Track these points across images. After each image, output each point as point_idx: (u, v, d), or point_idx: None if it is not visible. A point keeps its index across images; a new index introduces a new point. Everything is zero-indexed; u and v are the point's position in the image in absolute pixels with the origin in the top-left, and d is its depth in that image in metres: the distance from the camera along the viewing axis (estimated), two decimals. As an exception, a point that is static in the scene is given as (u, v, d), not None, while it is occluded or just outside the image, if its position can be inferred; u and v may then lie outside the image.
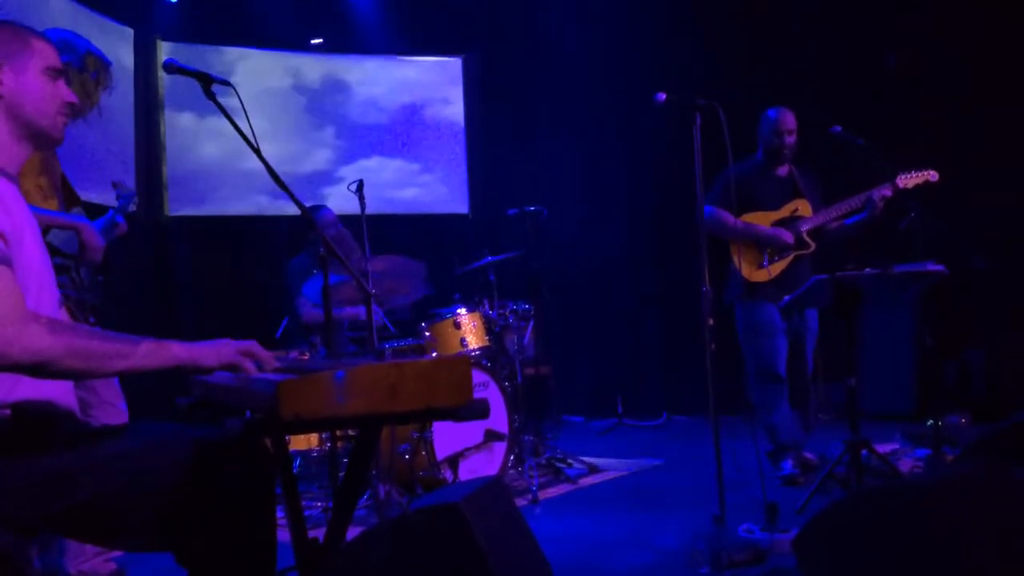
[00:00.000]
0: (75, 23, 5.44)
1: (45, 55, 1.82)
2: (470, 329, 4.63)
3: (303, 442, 4.30)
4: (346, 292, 4.31)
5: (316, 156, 7.34)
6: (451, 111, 7.75)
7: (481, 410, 1.63)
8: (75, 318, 2.72)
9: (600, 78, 7.36)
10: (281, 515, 1.91)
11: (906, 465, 4.34)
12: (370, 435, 1.76)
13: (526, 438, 4.76)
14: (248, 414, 1.85)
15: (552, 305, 6.21)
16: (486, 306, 4.83)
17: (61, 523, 1.64)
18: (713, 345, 3.27)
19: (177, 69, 2.41)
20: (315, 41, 7.36)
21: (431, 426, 4.17)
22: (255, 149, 2.40)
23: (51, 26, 3.44)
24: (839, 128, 4.14)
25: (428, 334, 4.61)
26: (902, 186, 4.16)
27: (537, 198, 5.43)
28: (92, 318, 2.88)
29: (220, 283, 6.68)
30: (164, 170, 6.70)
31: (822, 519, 2.32)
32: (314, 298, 4.21)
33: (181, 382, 1.95)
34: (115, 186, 3.20)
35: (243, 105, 2.38)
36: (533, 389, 5.66)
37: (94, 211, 3.08)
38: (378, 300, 4.46)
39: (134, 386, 3.02)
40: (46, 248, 1.85)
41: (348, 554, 2.38)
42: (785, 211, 4.40)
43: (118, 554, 2.96)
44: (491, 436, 4.40)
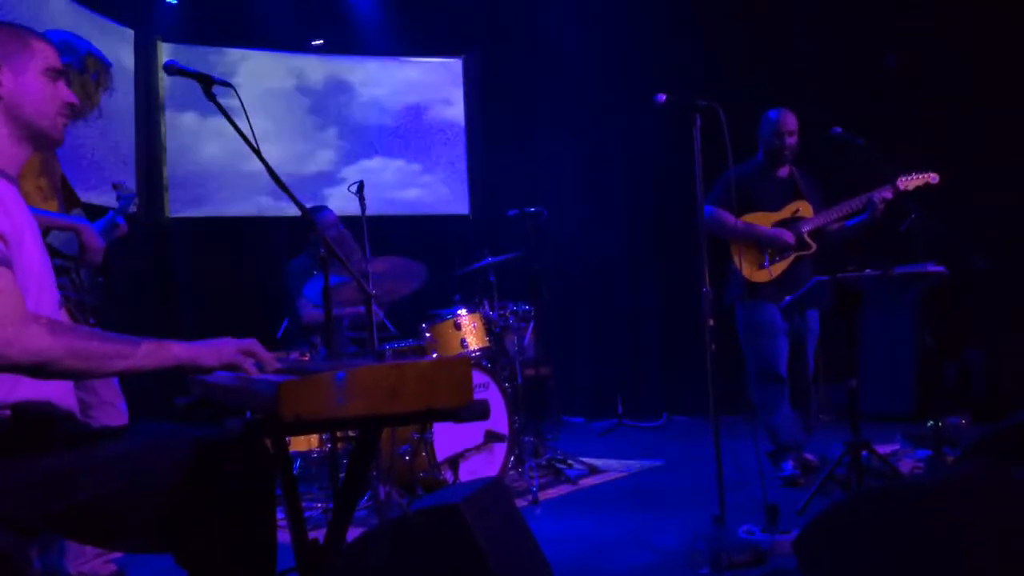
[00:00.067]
0: (75, 24, 5.44)
1: (45, 56, 1.82)
2: (470, 330, 4.63)
3: (303, 443, 4.30)
4: (346, 293, 4.31)
5: (319, 157, 7.34)
6: (452, 112, 7.76)
7: (481, 411, 1.63)
8: (75, 319, 2.72)
9: (600, 79, 7.37)
10: (281, 516, 1.91)
11: (906, 466, 4.33)
12: (370, 436, 1.76)
13: (526, 439, 4.76)
14: (248, 414, 1.85)
15: (552, 306, 6.22)
16: (486, 307, 4.83)
17: (61, 524, 1.64)
18: (713, 346, 3.27)
19: (178, 71, 2.41)
20: (316, 42, 7.36)
21: (431, 427, 4.17)
22: (255, 150, 2.40)
23: (52, 27, 3.45)
24: (839, 129, 4.15)
25: (428, 335, 4.61)
26: (902, 188, 4.16)
27: (537, 199, 5.44)
28: (92, 319, 2.88)
29: (220, 284, 6.68)
30: (164, 171, 6.70)
31: (822, 520, 2.32)
32: (315, 299, 4.21)
33: (181, 382, 1.96)
34: (115, 187, 3.21)
35: (243, 106, 2.38)
36: (533, 390, 5.67)
37: (94, 212, 3.08)
38: (379, 301, 4.46)
39: (134, 386, 3.02)
40: (46, 249, 1.85)
41: (348, 555, 2.38)
42: (786, 212, 4.40)
43: (118, 555, 2.96)
44: (491, 437, 4.40)
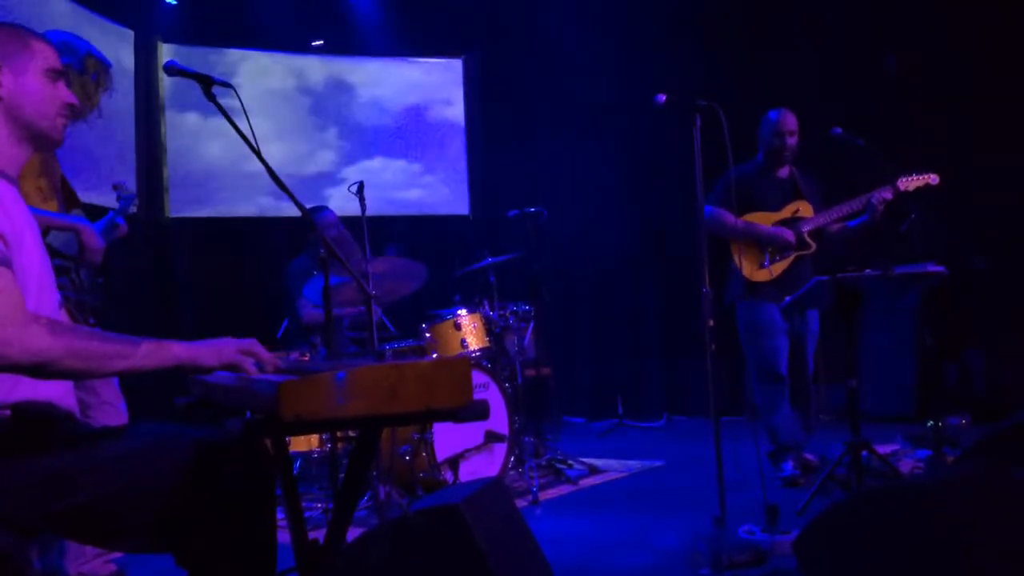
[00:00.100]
0: (76, 24, 5.44)
1: (45, 56, 1.82)
2: (470, 330, 4.63)
3: (303, 443, 4.30)
4: (347, 293, 4.31)
5: (320, 157, 7.34)
6: (453, 112, 7.76)
7: (481, 411, 1.63)
8: (75, 320, 2.72)
9: (600, 79, 7.36)
10: (281, 516, 1.91)
11: (907, 466, 4.33)
12: (370, 436, 1.76)
13: (526, 439, 4.75)
14: (248, 415, 1.85)
15: (552, 306, 6.21)
16: (486, 307, 4.83)
17: (61, 524, 1.64)
18: (713, 346, 3.26)
19: (178, 71, 2.41)
20: (316, 43, 7.36)
21: (431, 427, 4.17)
22: (255, 150, 2.40)
23: (52, 28, 3.44)
24: (839, 129, 4.15)
25: (428, 335, 4.61)
26: (903, 189, 4.16)
27: (537, 199, 5.43)
28: (92, 319, 2.88)
29: (220, 284, 6.68)
30: (165, 172, 6.70)
31: (823, 520, 2.32)
32: (315, 299, 4.21)
33: (181, 382, 1.95)
34: (115, 188, 3.21)
35: (243, 107, 2.38)
36: (533, 390, 5.67)
37: (94, 213, 3.08)
38: (378, 302, 4.46)
39: (134, 387, 3.02)
40: (46, 250, 1.85)
41: (348, 555, 2.38)
42: (786, 212, 4.40)
43: (118, 555, 2.96)
44: (491, 437, 4.39)
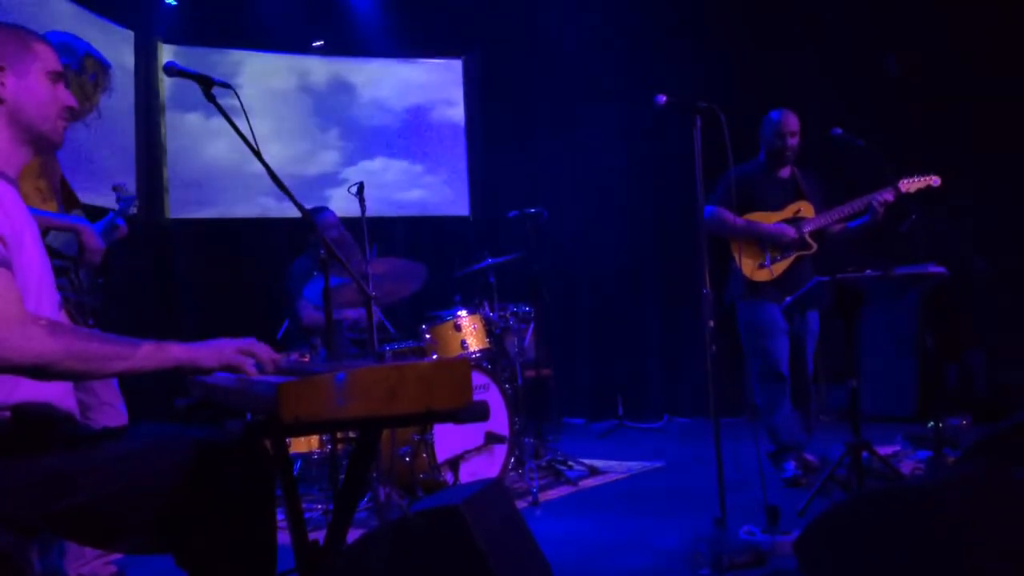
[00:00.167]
0: (76, 25, 5.44)
1: (47, 59, 1.82)
2: (470, 331, 4.63)
3: (303, 444, 4.29)
4: (347, 294, 4.31)
5: (322, 158, 7.34)
6: (455, 112, 7.76)
7: (481, 412, 1.63)
8: (75, 320, 2.72)
9: (600, 79, 7.37)
10: (281, 517, 1.90)
11: (907, 467, 4.33)
12: (370, 437, 1.76)
13: (527, 440, 4.75)
14: (248, 416, 1.85)
15: (552, 307, 6.21)
16: (486, 308, 4.83)
17: (61, 524, 1.64)
18: (714, 347, 3.26)
19: (178, 72, 2.40)
20: (316, 44, 7.36)
21: (431, 428, 4.17)
22: (255, 151, 2.40)
23: (52, 28, 3.44)
24: (839, 130, 4.15)
25: (428, 336, 4.61)
26: (904, 190, 4.17)
27: (537, 200, 5.43)
28: (92, 320, 2.88)
29: (221, 285, 6.67)
30: (165, 172, 6.70)
31: (823, 521, 2.32)
32: (315, 300, 4.21)
33: (181, 383, 1.95)
34: (115, 189, 3.20)
35: (243, 107, 2.38)
36: (533, 391, 5.66)
37: (94, 214, 3.08)
38: (378, 303, 4.46)
39: (134, 388, 3.01)
40: (46, 251, 1.85)
41: (348, 556, 2.38)
42: (787, 212, 4.41)
43: (118, 556, 2.96)
44: (492, 438, 4.39)
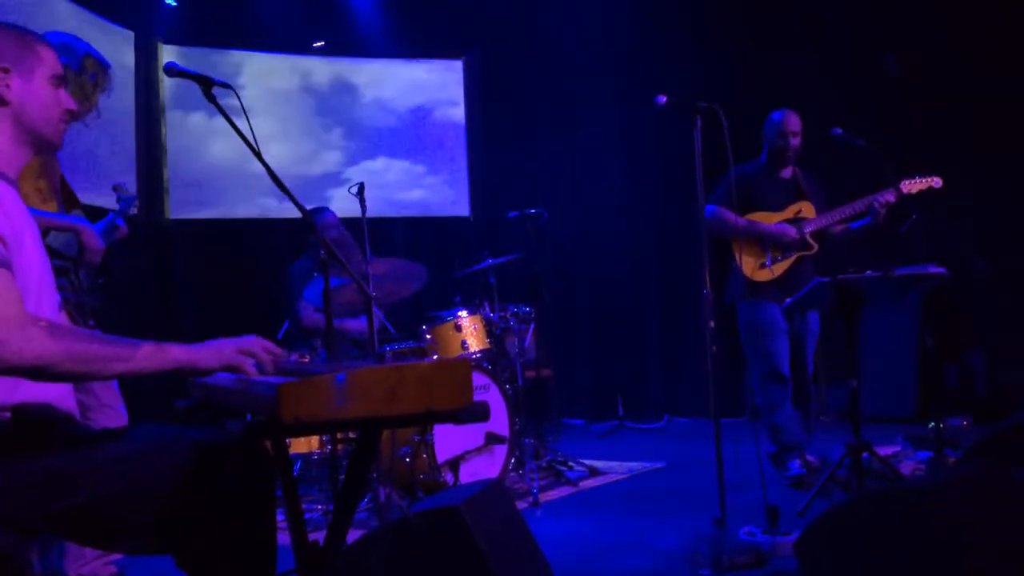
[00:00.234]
0: (76, 25, 5.44)
1: (50, 63, 1.83)
2: (471, 332, 4.63)
3: (304, 445, 4.29)
4: (347, 295, 4.30)
5: (325, 158, 7.33)
6: (457, 113, 7.75)
7: (482, 413, 1.62)
8: (75, 321, 2.72)
9: (600, 79, 7.37)
10: (281, 518, 1.90)
11: (907, 468, 4.33)
12: (370, 438, 1.75)
13: (527, 441, 4.75)
14: (248, 416, 1.85)
15: (553, 307, 6.21)
16: (487, 308, 4.83)
17: (61, 524, 1.64)
18: (714, 347, 3.26)
19: (178, 72, 2.40)
20: (317, 44, 7.36)
21: (432, 429, 4.17)
22: (255, 151, 2.40)
23: (52, 29, 3.44)
24: (839, 130, 4.15)
25: (429, 337, 4.61)
26: (905, 192, 4.17)
27: (537, 200, 5.43)
28: (92, 321, 2.87)
29: (221, 286, 6.66)
30: (165, 173, 6.69)
31: (823, 522, 2.32)
32: (315, 301, 4.20)
33: (181, 384, 1.95)
34: (115, 189, 3.20)
35: (243, 107, 2.38)
36: (534, 392, 5.66)
37: (94, 214, 3.08)
38: (379, 303, 4.46)
39: (134, 389, 3.01)
40: (46, 251, 1.85)
41: (348, 557, 2.37)
42: (788, 212, 4.41)
43: (118, 557, 2.95)
44: (492, 439, 4.39)
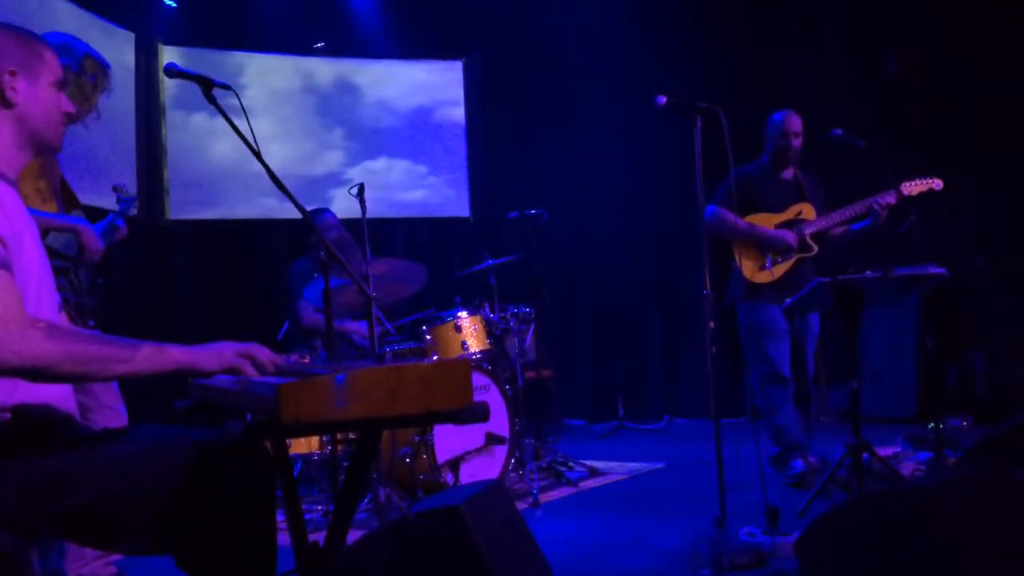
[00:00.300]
0: (77, 26, 5.44)
1: (53, 67, 1.84)
2: (471, 332, 4.63)
3: (304, 445, 4.29)
4: (347, 295, 4.31)
5: (327, 158, 7.33)
6: (456, 113, 7.75)
7: (482, 413, 1.62)
8: (75, 322, 2.72)
9: (600, 80, 7.37)
10: (281, 518, 1.90)
11: (908, 468, 4.32)
12: (370, 438, 1.75)
13: (527, 441, 4.75)
14: (248, 417, 1.85)
15: (553, 308, 6.21)
16: (487, 309, 4.83)
17: (61, 524, 1.64)
18: (714, 348, 3.26)
19: (178, 73, 2.40)
20: (317, 45, 7.36)
21: (432, 429, 4.17)
22: (255, 152, 2.40)
23: (52, 30, 3.44)
24: (840, 130, 4.15)
25: (429, 337, 4.61)
26: (906, 193, 4.17)
27: (537, 200, 5.44)
28: (92, 321, 2.87)
29: (221, 287, 6.67)
30: (165, 174, 6.69)
31: (824, 522, 2.32)
32: (315, 302, 4.20)
33: (181, 385, 1.95)
34: (115, 190, 3.21)
35: (244, 108, 2.38)
36: (534, 392, 5.66)
37: (94, 214, 3.08)
38: (379, 303, 4.46)
39: (134, 389, 3.01)
40: (45, 252, 1.85)
41: (348, 557, 2.37)
42: (789, 214, 4.41)
43: (118, 557, 2.95)
44: (492, 439, 4.39)
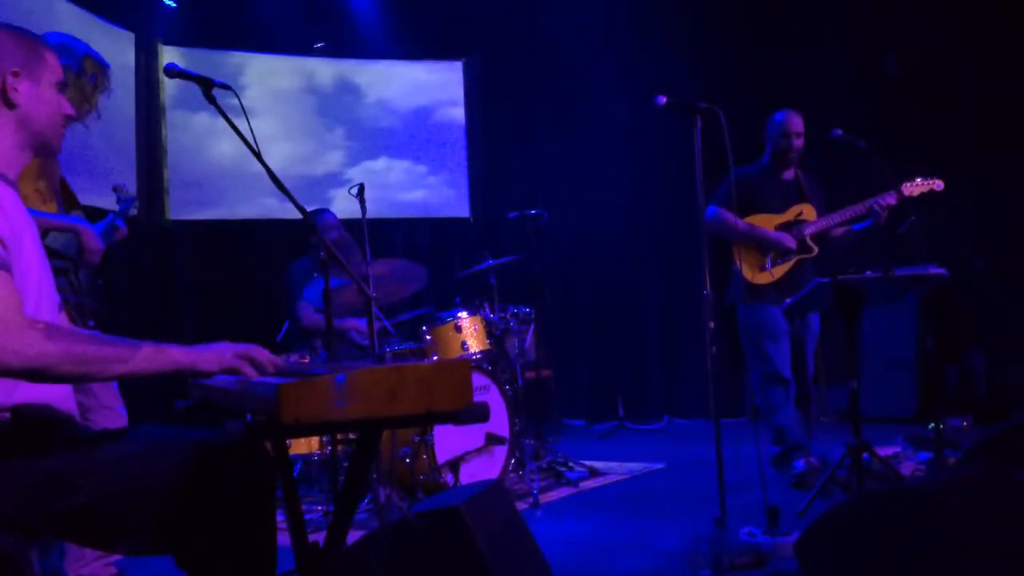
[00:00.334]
0: (77, 26, 5.44)
1: (55, 69, 1.85)
2: (471, 332, 4.63)
3: (304, 446, 4.29)
4: (347, 296, 4.30)
5: (328, 158, 7.33)
6: (457, 114, 7.75)
7: (482, 413, 1.62)
8: (75, 322, 2.72)
9: (600, 80, 7.37)
10: (281, 519, 1.90)
11: (908, 468, 4.32)
12: (370, 439, 1.75)
13: (527, 441, 4.75)
14: (248, 417, 1.85)
15: (553, 308, 6.21)
16: (487, 309, 4.83)
17: (61, 525, 1.64)
18: (714, 348, 3.26)
19: (178, 74, 2.40)
20: (317, 45, 7.36)
21: (432, 430, 4.17)
22: (255, 152, 2.40)
23: (52, 30, 3.44)
24: (840, 131, 4.15)
25: (429, 338, 4.61)
26: (907, 194, 4.17)
27: (538, 200, 5.43)
28: (92, 321, 2.87)
29: (221, 286, 6.66)
30: (165, 174, 6.69)
31: (824, 522, 2.32)
32: (315, 302, 4.20)
33: (181, 385, 1.95)
34: (115, 190, 3.21)
35: (244, 108, 2.38)
36: (534, 392, 5.66)
37: (94, 215, 3.08)
38: (378, 304, 4.46)
39: (134, 390, 3.01)
40: (45, 252, 1.85)
41: (348, 558, 2.37)
42: (789, 214, 4.41)
43: (118, 558, 2.95)
44: (492, 440, 4.39)
